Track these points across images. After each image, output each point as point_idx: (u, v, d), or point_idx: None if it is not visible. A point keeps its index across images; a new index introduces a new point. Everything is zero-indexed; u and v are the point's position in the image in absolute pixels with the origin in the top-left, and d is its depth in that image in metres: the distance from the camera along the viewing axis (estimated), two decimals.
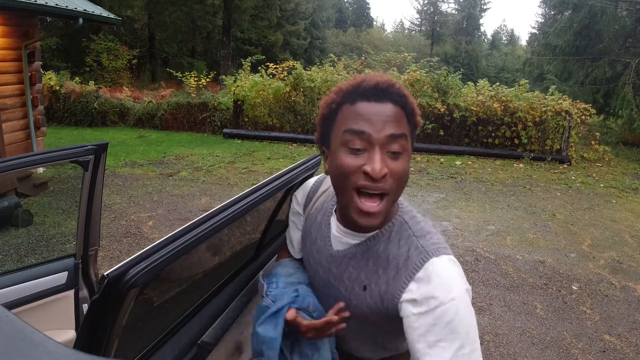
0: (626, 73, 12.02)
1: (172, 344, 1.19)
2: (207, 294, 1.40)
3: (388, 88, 0.86)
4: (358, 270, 0.93)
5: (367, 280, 0.92)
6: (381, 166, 0.82)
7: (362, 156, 0.84)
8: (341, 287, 0.96)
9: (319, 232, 1.04)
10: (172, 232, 0.86)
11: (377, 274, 0.91)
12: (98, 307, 0.78)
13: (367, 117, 0.84)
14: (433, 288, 0.83)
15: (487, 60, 40.30)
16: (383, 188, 0.83)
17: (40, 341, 0.44)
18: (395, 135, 0.84)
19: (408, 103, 0.87)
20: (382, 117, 0.84)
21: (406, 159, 0.86)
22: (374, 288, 0.90)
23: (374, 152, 0.83)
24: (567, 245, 4.90)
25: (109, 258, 4.00)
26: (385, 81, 0.86)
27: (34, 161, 1.65)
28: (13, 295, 1.75)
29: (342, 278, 0.96)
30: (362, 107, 0.85)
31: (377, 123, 0.83)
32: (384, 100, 0.85)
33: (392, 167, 0.84)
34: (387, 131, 0.83)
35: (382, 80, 0.86)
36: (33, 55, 6.39)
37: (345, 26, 44.16)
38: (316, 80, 10.54)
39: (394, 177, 0.84)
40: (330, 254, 0.99)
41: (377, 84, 0.85)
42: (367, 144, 0.83)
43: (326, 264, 1.00)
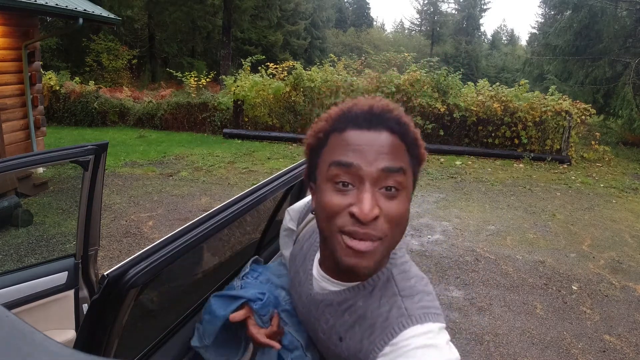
0: (626, 73, 12.02)
1: (172, 344, 1.19)
2: (207, 294, 1.41)
3: (383, 113, 0.73)
4: (334, 319, 0.82)
5: (343, 333, 0.81)
6: (371, 206, 0.68)
7: (350, 194, 0.70)
8: (319, 330, 0.86)
9: (302, 265, 0.93)
10: (172, 232, 0.86)
11: (353, 328, 0.79)
12: (98, 307, 0.78)
13: (357, 147, 0.71)
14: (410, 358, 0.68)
15: (487, 60, 40.30)
16: (373, 235, 0.69)
17: (40, 341, 0.44)
18: (391, 169, 0.70)
19: (409, 132, 0.74)
20: (374, 148, 0.70)
21: (405, 198, 0.73)
22: (349, 342, 0.79)
23: (363, 189, 0.69)
24: (567, 245, 4.90)
25: (109, 258, 4.00)
26: (380, 105, 0.74)
27: (34, 161, 1.65)
28: (13, 295, 1.75)
29: (319, 322, 0.86)
30: (352, 136, 0.72)
31: (369, 154, 0.70)
32: (378, 128, 0.72)
33: (386, 208, 0.70)
34: (380, 164, 0.69)
35: (377, 105, 0.74)
36: (33, 55, 6.39)
37: (345, 26, 44.16)
38: (316, 80, 10.54)
39: (388, 221, 0.70)
40: (310, 293, 0.88)
41: (371, 108, 0.74)
42: (356, 178, 0.70)
43: (306, 301, 0.90)
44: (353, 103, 0.77)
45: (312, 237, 0.94)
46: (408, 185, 0.74)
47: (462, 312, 3.39)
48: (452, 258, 4.36)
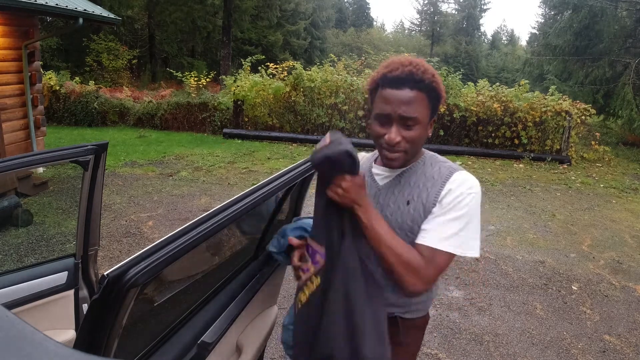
0: (626, 73, 12.03)
1: (172, 344, 1.19)
2: (207, 294, 1.41)
3: (407, 77, 1.12)
4: (402, 191, 1.22)
5: (410, 196, 1.20)
6: (395, 136, 1.14)
7: (386, 126, 1.16)
8: (387, 211, 1.22)
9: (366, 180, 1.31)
10: (172, 232, 0.86)
11: (418, 188, 1.20)
12: (98, 307, 0.78)
13: (389, 101, 1.13)
14: (458, 186, 1.16)
15: (487, 60, 40.31)
16: (398, 150, 1.16)
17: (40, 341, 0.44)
18: (406, 117, 1.13)
19: (427, 86, 1.13)
20: (399, 101, 1.12)
21: (419, 129, 1.15)
22: (417, 200, 1.19)
23: (391, 127, 1.15)
24: (567, 245, 4.90)
25: (109, 258, 4.00)
26: (408, 70, 1.13)
27: (34, 161, 1.65)
28: (13, 295, 1.75)
29: (388, 204, 1.23)
30: (387, 93, 1.14)
31: (395, 106, 1.13)
32: (402, 88, 1.12)
33: (405, 135, 1.15)
34: (401, 112, 1.13)
35: (405, 70, 1.13)
36: (33, 55, 6.39)
37: (345, 26, 44.16)
38: (316, 80, 10.54)
39: (408, 141, 1.16)
40: (378, 188, 1.27)
41: (401, 73, 1.13)
42: (388, 119, 1.15)
43: (374, 200, 1.26)
44: (390, 66, 1.16)
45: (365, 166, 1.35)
46: (422, 120, 1.15)
47: (462, 312, 3.39)
48: None
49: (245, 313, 1.49)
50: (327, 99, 10.43)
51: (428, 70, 1.14)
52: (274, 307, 1.76)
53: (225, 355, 1.38)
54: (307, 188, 1.68)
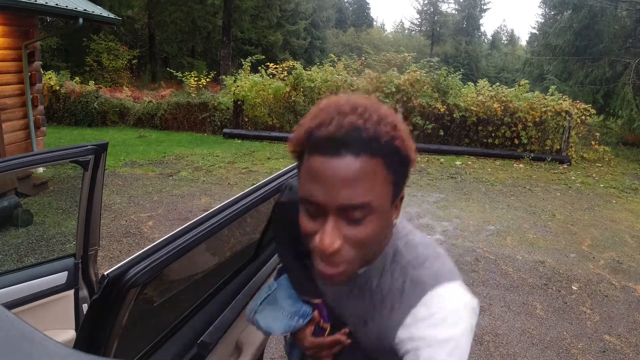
0: (626, 73, 12.03)
1: (172, 344, 1.19)
2: (207, 294, 1.41)
3: (349, 134, 0.66)
4: (356, 305, 0.84)
5: (366, 317, 0.82)
6: (330, 240, 0.67)
7: (318, 220, 0.70)
8: (347, 321, 0.87)
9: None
10: (172, 232, 0.86)
11: (374, 309, 0.80)
12: (98, 307, 0.78)
13: (319, 178, 0.67)
14: (432, 325, 0.72)
15: (487, 60, 40.32)
16: (338, 262, 0.70)
17: (40, 341, 0.44)
18: (351, 206, 0.67)
19: (379, 147, 0.67)
20: (336, 179, 0.66)
21: (375, 220, 0.69)
22: (372, 325, 0.81)
23: (326, 221, 0.68)
24: (567, 245, 4.90)
25: (109, 258, 4.00)
26: (348, 123, 0.66)
27: (34, 161, 1.65)
28: (13, 295, 1.75)
29: (346, 312, 0.87)
30: (316, 164, 0.68)
31: (330, 187, 0.66)
32: (341, 154, 0.66)
33: (351, 235, 0.68)
34: (340, 199, 0.66)
35: (343, 125, 0.66)
36: (33, 55, 6.39)
37: (345, 26, 44.16)
38: (316, 80, 10.55)
39: (354, 246, 0.69)
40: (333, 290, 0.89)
41: (335, 131, 0.66)
42: (320, 210, 0.69)
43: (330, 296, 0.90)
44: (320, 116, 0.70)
45: None
46: (380, 205, 0.69)
47: None
48: (452, 258, 4.35)
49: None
50: None
51: (384, 118, 0.69)
52: None
53: (225, 355, 1.38)
54: None
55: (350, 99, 0.72)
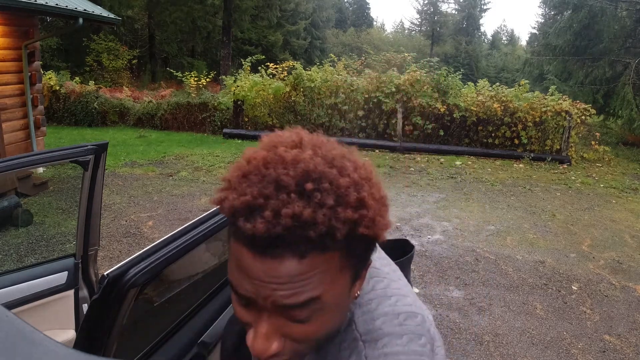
0: (626, 73, 12.03)
1: (172, 344, 1.19)
2: (207, 294, 1.41)
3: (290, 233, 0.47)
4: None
5: None
6: (264, 347, 0.53)
7: (252, 312, 0.54)
8: None
9: None
10: (172, 232, 0.86)
11: None
12: (98, 307, 0.78)
13: (249, 274, 0.51)
14: None
15: (487, 60, 40.32)
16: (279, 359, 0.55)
17: (40, 341, 0.44)
18: (293, 306, 0.51)
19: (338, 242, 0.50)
20: (271, 280, 0.50)
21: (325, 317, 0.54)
22: None
23: (260, 320, 0.53)
24: (567, 245, 4.90)
25: (109, 258, 4.00)
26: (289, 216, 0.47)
27: (34, 161, 1.65)
28: (13, 295, 1.75)
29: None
30: (243, 257, 0.51)
31: (262, 287, 0.51)
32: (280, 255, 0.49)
33: (293, 334, 0.54)
34: (277, 300, 0.51)
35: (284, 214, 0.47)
36: (33, 55, 6.39)
37: (345, 26, 44.16)
38: (316, 80, 10.55)
39: (298, 342, 0.55)
40: None
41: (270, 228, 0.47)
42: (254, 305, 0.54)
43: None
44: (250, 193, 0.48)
45: None
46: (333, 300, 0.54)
47: (462, 312, 3.39)
48: (452, 258, 4.36)
49: None
50: (327, 99, 10.43)
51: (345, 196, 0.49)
52: None
53: None
54: None
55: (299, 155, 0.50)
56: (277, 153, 0.51)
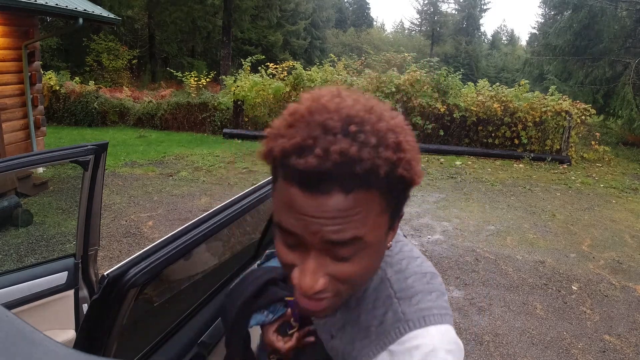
0: (626, 73, 12.03)
1: (172, 344, 1.19)
2: (207, 294, 1.41)
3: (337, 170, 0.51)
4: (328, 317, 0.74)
5: (334, 331, 0.74)
6: (311, 281, 0.57)
7: (298, 252, 0.58)
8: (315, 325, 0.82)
9: None
10: (172, 232, 0.86)
11: (344, 328, 0.71)
12: (98, 307, 0.78)
13: (299, 212, 0.54)
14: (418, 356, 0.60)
15: (487, 60, 40.31)
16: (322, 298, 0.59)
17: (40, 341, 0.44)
18: (339, 242, 0.55)
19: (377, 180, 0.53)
20: (321, 217, 0.53)
21: (366, 255, 0.58)
22: (339, 343, 0.72)
23: (307, 257, 0.57)
24: (567, 245, 4.90)
25: (109, 258, 4.00)
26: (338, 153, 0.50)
27: (34, 161, 1.65)
28: (13, 295, 1.75)
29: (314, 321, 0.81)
30: (296, 197, 0.54)
31: (312, 223, 0.54)
32: (327, 191, 0.52)
33: (336, 273, 0.58)
34: (325, 236, 0.55)
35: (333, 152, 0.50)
36: (33, 55, 6.39)
37: (345, 26, 44.15)
38: (316, 80, 10.55)
39: (340, 282, 0.59)
40: None
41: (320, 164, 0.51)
42: (301, 244, 0.57)
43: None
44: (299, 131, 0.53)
45: None
46: (373, 238, 0.57)
47: (462, 312, 3.39)
48: (452, 258, 4.36)
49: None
50: None
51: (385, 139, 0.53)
52: None
53: None
54: None
55: (340, 103, 0.55)
56: (320, 102, 0.55)
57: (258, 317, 0.91)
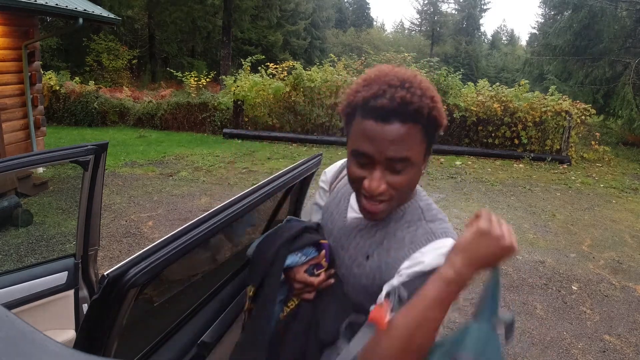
0: (626, 73, 12.03)
1: (172, 344, 1.19)
2: (207, 294, 1.41)
3: (398, 107, 0.83)
4: (364, 240, 1.00)
5: (371, 250, 0.97)
6: (377, 184, 0.87)
7: (367, 168, 0.89)
8: (346, 256, 1.02)
9: (337, 206, 1.12)
10: (172, 232, 0.86)
11: (382, 245, 0.96)
12: (98, 307, 0.78)
13: (372, 137, 0.85)
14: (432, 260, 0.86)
15: (487, 60, 40.31)
16: (381, 200, 0.89)
17: (40, 341, 0.44)
18: (395, 159, 0.85)
19: (422, 117, 0.85)
20: (386, 139, 0.84)
21: (410, 171, 0.88)
22: (376, 258, 0.96)
23: (374, 170, 0.87)
24: (567, 245, 4.90)
25: (109, 258, 4.00)
26: (398, 99, 0.83)
27: (34, 161, 1.65)
28: (13, 295, 1.75)
29: (349, 247, 1.02)
30: (369, 128, 0.85)
31: (380, 144, 0.85)
32: (391, 122, 0.84)
33: (392, 181, 0.88)
34: (388, 154, 0.85)
35: (395, 98, 0.83)
36: (33, 55, 6.39)
37: (345, 26, 44.16)
38: (316, 80, 10.53)
39: (395, 188, 0.88)
40: (344, 224, 1.06)
41: (389, 103, 0.83)
42: (370, 161, 0.87)
43: (337, 234, 1.07)
44: (374, 86, 0.86)
45: (347, 186, 1.11)
46: (416, 161, 0.88)
47: (462, 312, 3.39)
48: None
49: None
50: (327, 99, 10.42)
51: (426, 92, 0.86)
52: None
53: (225, 355, 1.38)
54: (307, 188, 1.68)
55: (395, 71, 0.89)
56: (383, 71, 0.89)
57: (292, 258, 1.04)
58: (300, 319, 1.03)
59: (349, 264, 1.01)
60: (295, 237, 1.05)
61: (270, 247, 1.04)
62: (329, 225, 1.11)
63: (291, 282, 1.05)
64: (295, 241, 1.05)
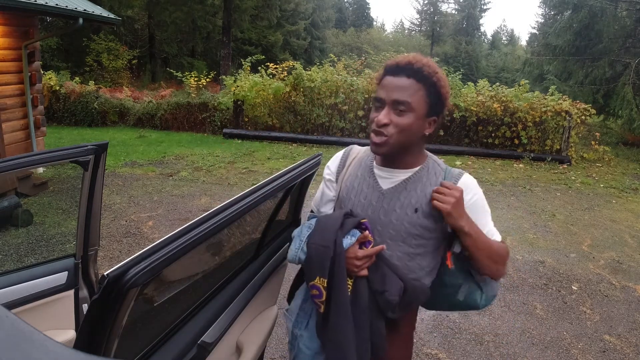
0: (626, 73, 12.02)
1: (172, 344, 1.19)
2: (207, 294, 1.40)
3: (405, 65, 1.20)
4: (409, 197, 1.25)
5: (418, 204, 1.24)
6: (383, 117, 1.19)
7: (379, 111, 1.22)
8: (392, 217, 1.25)
9: (364, 182, 1.33)
10: (172, 232, 0.86)
11: (426, 196, 1.24)
12: (98, 307, 0.78)
13: (385, 86, 1.21)
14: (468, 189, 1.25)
15: (487, 60, 40.31)
16: (383, 133, 1.20)
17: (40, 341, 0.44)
18: (398, 101, 1.18)
19: (425, 77, 1.19)
20: (393, 87, 1.19)
21: (411, 117, 1.19)
22: (425, 207, 1.24)
23: (383, 109, 1.21)
24: (567, 245, 4.90)
25: (109, 258, 4.00)
26: (405, 61, 1.21)
27: (34, 161, 1.65)
28: (13, 295, 1.75)
29: (394, 209, 1.26)
30: (385, 80, 1.22)
31: (389, 90, 1.20)
32: (399, 75, 1.19)
33: (394, 120, 1.19)
34: (393, 97, 1.19)
35: (403, 60, 1.21)
36: (33, 55, 6.39)
37: (345, 26, 44.15)
38: (316, 80, 10.53)
39: (395, 127, 1.19)
40: (381, 193, 1.29)
41: (398, 63, 1.21)
42: (383, 104, 1.21)
43: (376, 204, 1.28)
44: (397, 58, 1.24)
45: (362, 165, 1.36)
46: (416, 109, 1.19)
47: (462, 312, 3.39)
48: None
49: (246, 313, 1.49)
50: (327, 99, 10.42)
51: (430, 66, 1.20)
52: (274, 307, 1.76)
53: (225, 355, 1.38)
54: (307, 188, 1.68)
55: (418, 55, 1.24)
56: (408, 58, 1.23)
57: (346, 241, 1.22)
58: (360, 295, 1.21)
59: (398, 223, 1.25)
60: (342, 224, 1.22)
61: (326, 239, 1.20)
62: (362, 201, 1.30)
63: (352, 261, 1.21)
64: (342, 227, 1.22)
